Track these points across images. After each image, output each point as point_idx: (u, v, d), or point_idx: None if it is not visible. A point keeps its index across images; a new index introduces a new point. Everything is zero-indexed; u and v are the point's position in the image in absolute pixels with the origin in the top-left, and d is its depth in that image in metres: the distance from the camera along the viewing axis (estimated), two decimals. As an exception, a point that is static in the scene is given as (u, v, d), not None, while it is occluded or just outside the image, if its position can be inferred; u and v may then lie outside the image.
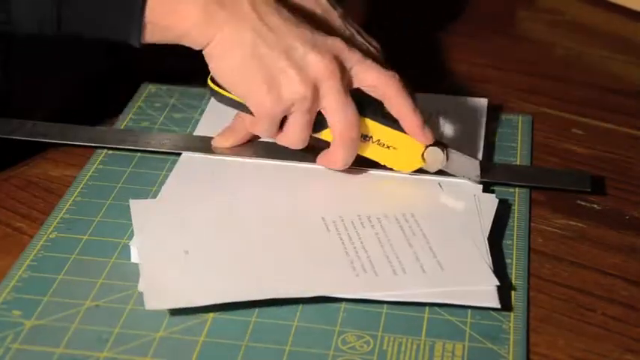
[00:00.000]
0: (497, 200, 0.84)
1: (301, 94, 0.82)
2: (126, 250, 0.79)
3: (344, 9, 0.93)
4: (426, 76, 1.09)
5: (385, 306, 0.75)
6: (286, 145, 0.86)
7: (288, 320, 0.73)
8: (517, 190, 0.88)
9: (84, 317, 0.73)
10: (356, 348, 0.71)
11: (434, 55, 1.15)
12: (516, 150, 0.95)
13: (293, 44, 0.82)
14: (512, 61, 1.15)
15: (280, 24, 0.82)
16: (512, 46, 1.20)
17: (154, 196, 0.86)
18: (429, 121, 0.90)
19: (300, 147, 0.86)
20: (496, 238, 0.82)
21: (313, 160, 0.89)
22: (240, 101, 0.84)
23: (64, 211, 0.84)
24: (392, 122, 0.86)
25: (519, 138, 0.97)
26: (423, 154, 0.87)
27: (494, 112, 1.01)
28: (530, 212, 0.86)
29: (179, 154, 0.91)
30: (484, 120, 0.98)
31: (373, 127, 0.86)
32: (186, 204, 0.84)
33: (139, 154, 0.92)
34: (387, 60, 0.93)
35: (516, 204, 0.87)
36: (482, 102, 1.01)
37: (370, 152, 0.87)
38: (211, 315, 0.73)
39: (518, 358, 0.71)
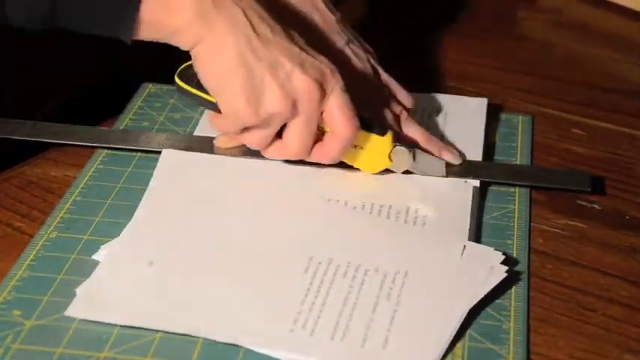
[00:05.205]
0: (506, 275, 0.76)
1: (278, 111, 0.81)
2: (126, 250, 0.79)
3: (341, 13, 0.93)
4: (426, 76, 1.10)
5: (385, 306, 0.74)
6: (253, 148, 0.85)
7: (288, 320, 0.73)
8: (517, 190, 0.88)
9: (84, 317, 0.73)
10: (356, 348, 0.71)
11: (434, 55, 1.15)
12: (516, 150, 0.95)
13: (280, 60, 0.80)
14: (512, 61, 1.15)
15: (271, 36, 0.80)
16: (512, 46, 1.20)
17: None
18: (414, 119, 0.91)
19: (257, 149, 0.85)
20: (496, 238, 0.82)
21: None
22: (208, 99, 0.84)
23: (64, 211, 0.84)
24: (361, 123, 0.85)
25: (519, 138, 0.97)
26: (389, 155, 0.86)
27: (494, 112, 1.01)
28: (530, 212, 0.86)
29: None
30: (484, 120, 0.98)
31: None
32: (172, 215, 0.82)
33: (139, 154, 0.92)
34: (381, 63, 0.94)
35: (516, 204, 0.86)
36: (482, 102, 1.01)
37: None
38: (211, 315, 0.73)
39: (518, 358, 0.71)
